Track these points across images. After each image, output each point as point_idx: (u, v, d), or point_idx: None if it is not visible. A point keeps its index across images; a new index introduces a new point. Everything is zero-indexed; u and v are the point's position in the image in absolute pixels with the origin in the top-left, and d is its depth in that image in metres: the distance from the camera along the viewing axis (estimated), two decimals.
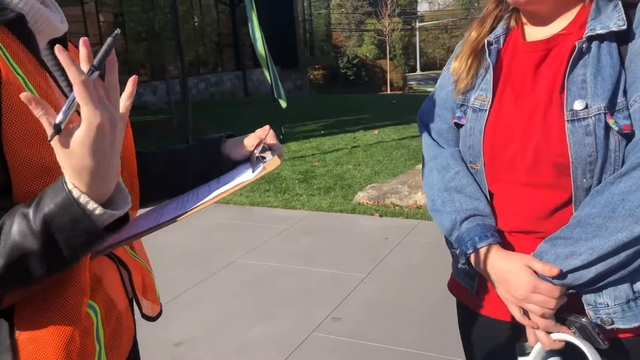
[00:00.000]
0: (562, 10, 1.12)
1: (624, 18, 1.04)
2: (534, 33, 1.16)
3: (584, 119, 1.02)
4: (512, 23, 1.20)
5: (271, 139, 0.95)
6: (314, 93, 24.29)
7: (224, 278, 3.68)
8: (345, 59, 30.68)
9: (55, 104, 0.74)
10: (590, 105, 1.02)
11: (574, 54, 1.05)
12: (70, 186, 0.66)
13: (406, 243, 4.13)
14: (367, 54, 36.70)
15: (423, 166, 1.31)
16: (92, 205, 0.66)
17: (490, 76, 1.16)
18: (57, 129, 0.63)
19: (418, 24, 50.37)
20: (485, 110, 1.15)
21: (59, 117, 0.63)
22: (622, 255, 0.99)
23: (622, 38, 1.04)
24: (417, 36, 49.53)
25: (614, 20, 1.04)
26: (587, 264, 1.01)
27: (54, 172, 0.70)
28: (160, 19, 9.44)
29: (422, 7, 59.78)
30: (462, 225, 1.16)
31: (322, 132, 9.19)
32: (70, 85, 0.82)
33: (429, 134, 1.30)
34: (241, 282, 3.60)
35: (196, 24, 10.95)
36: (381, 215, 4.77)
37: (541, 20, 1.14)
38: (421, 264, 3.72)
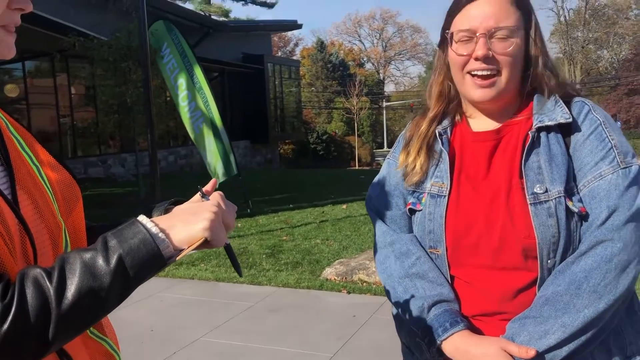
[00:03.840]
0: (509, 105, 1.21)
1: (568, 112, 1.14)
2: (480, 124, 1.24)
3: (546, 201, 1.08)
4: (457, 117, 1.28)
5: (209, 186, 0.94)
6: (284, 167, 24.54)
7: (186, 357, 3.53)
8: (315, 134, 31.33)
9: None
10: (550, 189, 1.09)
11: (528, 143, 1.13)
12: (150, 225, 0.77)
13: (374, 321, 4.07)
14: (336, 131, 37.59)
15: (376, 252, 1.31)
16: (166, 243, 0.77)
17: (446, 164, 1.21)
18: (203, 196, 0.89)
19: (385, 104, 52.26)
20: (445, 196, 1.19)
21: (204, 194, 0.89)
22: (589, 333, 1.03)
23: (564, 130, 1.14)
24: (384, 115, 51.23)
25: (559, 113, 1.14)
26: (561, 342, 1.03)
27: None
28: (132, 93, 9.56)
29: (389, 88, 62.35)
30: (430, 312, 1.15)
31: (291, 205, 9.21)
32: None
33: (382, 220, 1.32)
34: None
35: (168, 98, 11.11)
36: (349, 292, 4.72)
37: (490, 114, 1.23)
38: (389, 342, 3.65)
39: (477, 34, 1.13)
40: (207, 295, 4.81)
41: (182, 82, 8.52)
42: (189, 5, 36.36)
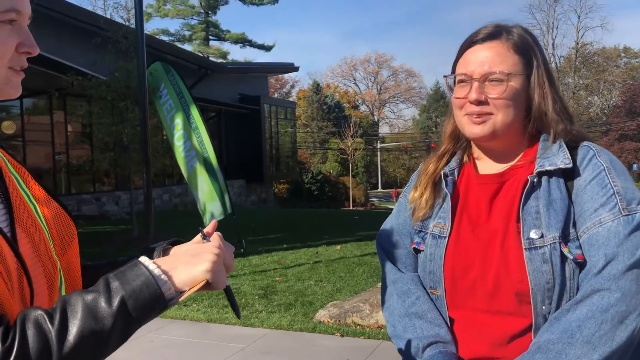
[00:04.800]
0: (512, 147, 1.23)
1: (569, 157, 1.14)
2: (486, 166, 1.25)
3: (540, 247, 1.08)
4: (465, 158, 1.30)
5: (210, 227, 0.94)
6: (278, 206, 24.51)
7: None
8: (309, 174, 31.46)
9: None
10: (546, 234, 1.08)
11: (527, 187, 1.14)
12: (152, 267, 0.77)
13: None
14: (331, 171, 37.77)
15: (383, 290, 1.33)
16: (168, 285, 0.78)
17: (448, 205, 1.23)
18: (204, 237, 0.89)
19: (379, 145, 52.81)
20: (445, 237, 1.21)
21: (205, 236, 0.89)
22: None
23: (568, 175, 1.14)
24: (379, 156, 51.70)
25: (560, 158, 1.14)
26: None
27: None
28: (129, 132, 9.61)
29: (383, 130, 63.11)
30: (425, 353, 1.16)
31: (285, 246, 9.16)
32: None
33: (388, 258, 1.34)
34: None
35: (164, 137, 11.18)
36: (342, 335, 4.65)
37: (493, 155, 1.24)
38: None
39: (472, 78, 1.17)
40: (198, 337, 4.72)
41: (178, 122, 8.60)
42: (187, 47, 37.13)
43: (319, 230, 11.47)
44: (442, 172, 1.27)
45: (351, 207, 30.40)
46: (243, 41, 40.64)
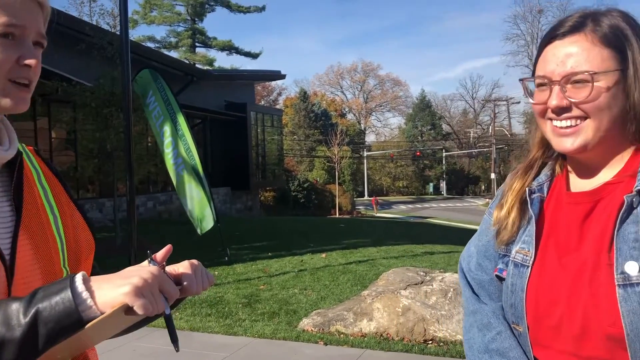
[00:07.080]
0: (611, 158, 1.03)
1: None
2: (580, 182, 1.07)
3: (638, 284, 0.90)
4: (557, 169, 1.12)
5: (162, 252, 0.93)
6: (264, 214, 24.44)
7: None
8: (296, 182, 31.45)
9: None
10: None
11: (623, 209, 0.95)
12: (79, 283, 0.75)
13: None
14: (317, 179, 37.80)
15: (464, 320, 1.20)
16: (87, 303, 0.74)
17: (532, 228, 1.07)
18: (150, 261, 0.88)
19: (366, 153, 53.04)
20: (528, 266, 1.05)
21: (151, 260, 0.88)
22: None
23: None
24: (365, 164, 51.89)
25: None
26: None
27: None
28: (113, 138, 9.55)
29: (370, 138, 63.45)
30: None
31: (270, 254, 9.13)
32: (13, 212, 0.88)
33: (469, 284, 1.20)
34: None
35: (149, 144, 11.12)
36: (325, 344, 4.64)
37: (589, 169, 1.05)
38: None
39: (552, 81, 0.99)
40: (181, 346, 4.64)
41: (166, 129, 8.60)
42: (174, 54, 37.05)
43: (304, 238, 11.46)
44: (527, 189, 1.09)
45: (337, 215, 30.41)
46: (230, 48, 40.66)
